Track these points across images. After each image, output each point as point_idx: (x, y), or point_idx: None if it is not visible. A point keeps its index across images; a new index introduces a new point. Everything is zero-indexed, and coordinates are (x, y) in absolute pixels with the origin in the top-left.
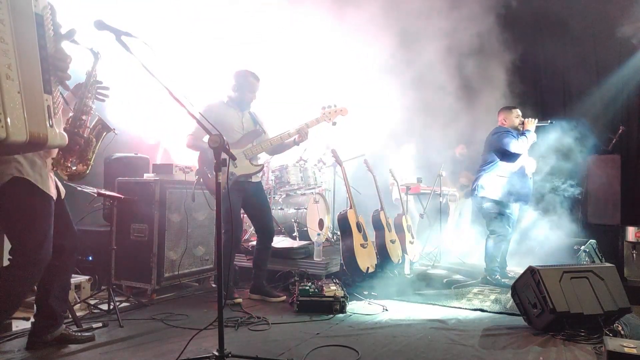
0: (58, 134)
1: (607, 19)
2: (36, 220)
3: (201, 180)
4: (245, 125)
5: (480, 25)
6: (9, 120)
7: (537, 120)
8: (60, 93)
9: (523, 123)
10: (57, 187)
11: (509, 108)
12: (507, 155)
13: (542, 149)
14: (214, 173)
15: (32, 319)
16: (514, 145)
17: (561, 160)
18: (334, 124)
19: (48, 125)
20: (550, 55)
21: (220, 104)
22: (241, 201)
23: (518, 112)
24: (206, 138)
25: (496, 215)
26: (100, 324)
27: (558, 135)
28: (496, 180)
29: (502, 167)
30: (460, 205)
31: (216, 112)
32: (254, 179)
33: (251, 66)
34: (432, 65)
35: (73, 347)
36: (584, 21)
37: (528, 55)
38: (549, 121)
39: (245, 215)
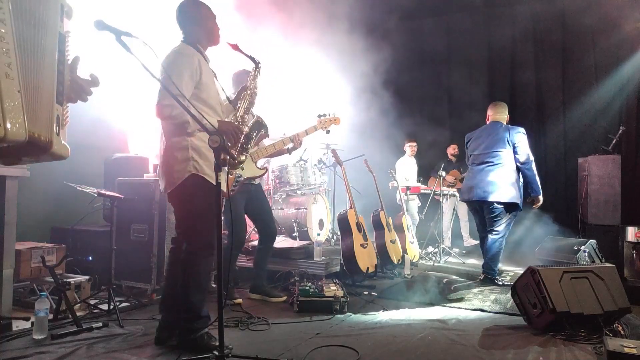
0: (63, 144)
1: (606, 18)
2: (209, 210)
3: None
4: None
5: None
6: (7, 118)
7: None
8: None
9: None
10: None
11: (503, 105)
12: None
13: (542, 148)
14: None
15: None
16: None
17: (561, 160)
18: (328, 132)
19: (55, 131)
20: (549, 55)
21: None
22: (244, 202)
23: None
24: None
25: (507, 217)
26: (100, 324)
27: (558, 135)
28: (511, 180)
29: (516, 166)
30: (457, 205)
31: None
32: (256, 180)
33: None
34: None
35: (71, 347)
36: (583, 21)
37: (527, 56)
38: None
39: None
